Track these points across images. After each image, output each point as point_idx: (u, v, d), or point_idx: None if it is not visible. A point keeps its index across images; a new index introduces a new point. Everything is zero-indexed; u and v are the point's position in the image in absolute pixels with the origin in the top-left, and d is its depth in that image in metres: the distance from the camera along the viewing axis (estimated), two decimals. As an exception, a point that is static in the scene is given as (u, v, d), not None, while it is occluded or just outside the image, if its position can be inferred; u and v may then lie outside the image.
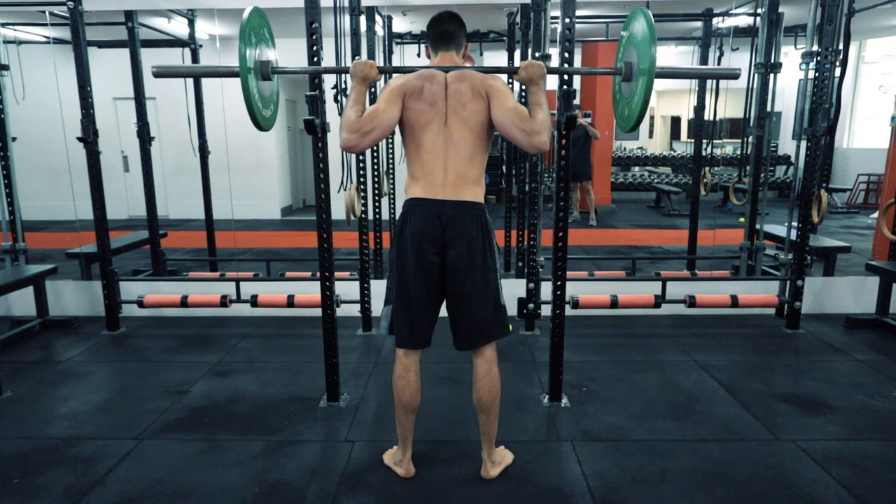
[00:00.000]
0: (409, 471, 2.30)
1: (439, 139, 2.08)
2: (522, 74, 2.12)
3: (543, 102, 2.07)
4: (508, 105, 2.04)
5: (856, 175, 9.74)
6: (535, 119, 2.02)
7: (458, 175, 2.09)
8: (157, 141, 4.94)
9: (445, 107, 2.07)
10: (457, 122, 2.07)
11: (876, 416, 2.80)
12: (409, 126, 2.11)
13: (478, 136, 2.10)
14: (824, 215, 3.93)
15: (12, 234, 4.27)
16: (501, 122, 2.05)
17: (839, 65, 3.79)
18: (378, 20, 4.87)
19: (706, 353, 3.59)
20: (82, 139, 3.72)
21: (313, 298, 3.69)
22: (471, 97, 2.07)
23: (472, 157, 2.10)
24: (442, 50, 2.18)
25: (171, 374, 3.35)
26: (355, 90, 2.11)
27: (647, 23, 2.04)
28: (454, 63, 2.17)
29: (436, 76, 2.10)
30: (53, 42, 4.67)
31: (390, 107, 2.06)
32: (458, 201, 2.09)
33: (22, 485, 2.29)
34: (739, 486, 2.26)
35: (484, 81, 2.09)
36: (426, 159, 2.09)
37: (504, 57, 5.63)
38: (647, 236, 7.62)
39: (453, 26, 2.18)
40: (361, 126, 2.02)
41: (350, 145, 2.03)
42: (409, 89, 2.08)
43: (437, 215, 2.08)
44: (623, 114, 2.26)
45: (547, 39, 3.66)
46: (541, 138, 2.01)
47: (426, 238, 2.08)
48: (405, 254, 2.11)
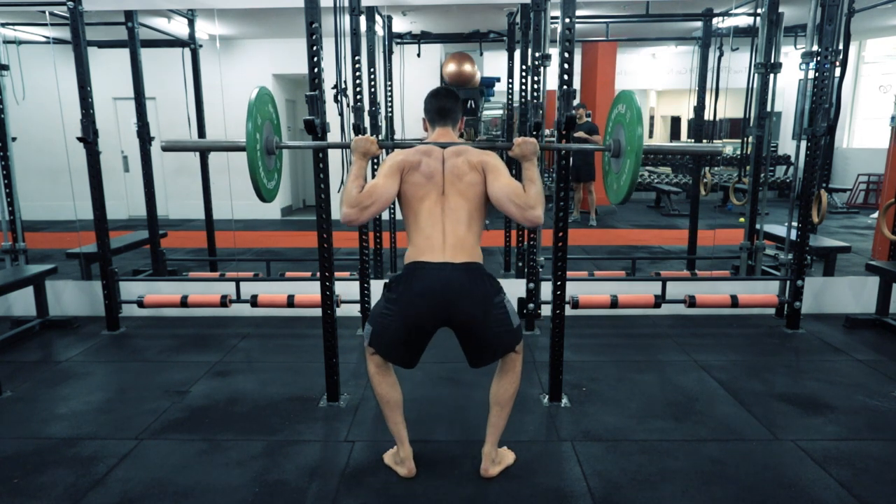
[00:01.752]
0: (411, 469, 2.30)
1: (437, 208, 2.15)
2: (516, 151, 2.21)
3: (537, 178, 2.14)
4: (503, 181, 2.12)
5: (856, 175, 9.74)
6: (529, 194, 2.09)
7: (456, 238, 2.14)
8: (156, 141, 4.93)
9: (443, 179, 2.15)
10: (454, 193, 2.15)
11: (876, 416, 2.80)
12: (407, 198, 2.18)
13: (474, 206, 2.17)
14: (824, 215, 3.93)
15: (12, 234, 4.28)
16: (497, 196, 2.12)
17: (839, 65, 3.79)
18: (378, 20, 4.88)
19: (706, 353, 3.59)
20: (82, 139, 3.72)
21: (313, 298, 3.69)
22: (467, 170, 2.14)
23: (470, 223, 2.17)
24: (439, 125, 2.28)
25: (170, 374, 3.35)
26: (356, 164, 2.20)
27: (634, 106, 2.12)
28: (451, 138, 2.26)
29: (433, 151, 2.18)
30: (53, 42, 4.67)
31: (388, 181, 2.13)
32: (459, 262, 2.12)
33: (22, 485, 2.30)
34: (739, 486, 2.26)
35: (479, 157, 2.17)
36: (424, 226, 2.15)
37: (504, 57, 5.62)
38: (647, 236, 7.62)
39: (450, 102, 2.28)
40: (361, 201, 2.09)
41: (349, 220, 2.11)
42: (407, 164, 2.15)
43: (441, 278, 2.10)
44: (612, 187, 2.34)
45: (547, 39, 3.65)
46: (535, 212, 2.09)
47: (431, 302, 2.10)
48: (404, 308, 2.12)
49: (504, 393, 2.26)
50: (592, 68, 9.49)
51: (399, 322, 2.13)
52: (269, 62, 8.65)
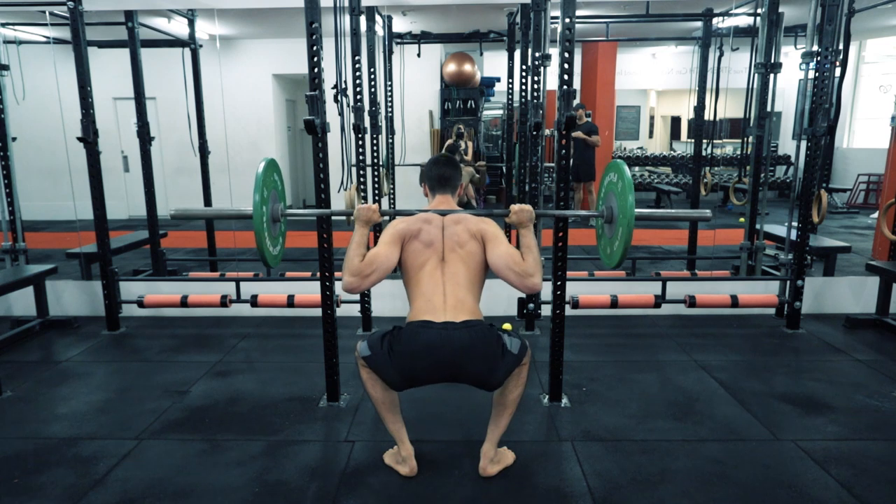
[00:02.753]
0: (412, 468, 2.30)
1: (437, 272, 2.20)
2: (513, 218, 2.27)
3: (534, 245, 2.20)
4: (502, 249, 2.19)
5: (856, 175, 9.74)
6: (527, 262, 2.15)
7: (457, 300, 2.17)
8: (157, 141, 4.94)
9: (443, 246, 2.22)
10: (454, 259, 2.21)
11: (876, 416, 2.80)
12: (407, 266, 2.23)
13: (473, 272, 2.22)
14: (824, 215, 3.93)
15: (12, 234, 4.28)
16: (496, 264, 2.18)
17: (839, 65, 3.79)
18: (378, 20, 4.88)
19: (706, 353, 3.59)
20: (82, 139, 3.72)
21: (313, 298, 3.69)
22: (467, 239, 2.21)
23: (469, 287, 2.21)
24: (439, 192, 2.36)
25: (171, 374, 3.35)
26: (358, 232, 2.25)
27: (625, 176, 2.18)
28: (450, 206, 2.34)
29: (433, 219, 2.26)
30: (53, 42, 4.67)
31: (389, 249, 2.19)
32: (461, 322, 2.14)
33: (22, 485, 2.30)
34: (739, 485, 2.26)
35: (478, 225, 2.24)
36: (425, 289, 2.19)
37: (504, 57, 5.63)
38: (647, 236, 7.61)
39: (449, 170, 2.37)
40: (362, 270, 2.14)
41: (351, 288, 2.17)
42: (408, 233, 2.22)
43: (443, 335, 2.10)
44: (606, 251, 2.40)
45: (547, 39, 3.66)
46: (534, 280, 2.14)
47: (433, 362, 2.11)
48: (407, 368, 2.14)
49: (509, 396, 2.25)
50: (592, 68, 9.49)
51: (399, 376, 2.16)
52: (269, 62, 8.65)
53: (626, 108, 13.25)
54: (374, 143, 4.57)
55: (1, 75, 4.18)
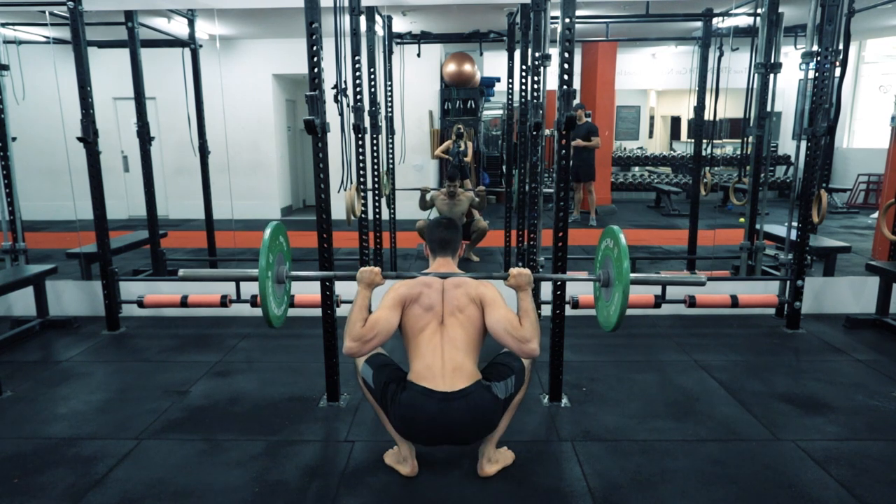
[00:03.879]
0: (413, 468, 2.31)
1: (436, 336, 2.22)
2: (512, 282, 2.26)
3: (531, 310, 2.21)
4: (500, 314, 2.21)
5: (856, 175, 9.74)
6: (524, 327, 2.17)
7: (455, 364, 2.19)
8: (157, 141, 4.93)
9: (442, 310, 2.25)
10: (453, 323, 2.23)
11: (876, 416, 2.80)
12: (407, 328, 2.26)
13: (472, 336, 2.24)
14: (824, 215, 3.93)
15: (12, 234, 4.27)
16: (494, 328, 2.20)
17: (839, 65, 3.79)
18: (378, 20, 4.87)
19: (706, 353, 3.59)
20: (82, 139, 3.72)
21: (313, 298, 3.69)
22: (467, 303, 2.24)
23: (468, 350, 2.22)
24: (440, 255, 2.39)
25: (171, 374, 3.35)
26: (360, 295, 2.26)
27: (620, 243, 2.20)
28: (451, 268, 2.37)
29: (433, 283, 2.28)
30: (53, 42, 4.67)
31: (390, 314, 2.22)
32: (459, 391, 2.15)
33: (22, 485, 2.30)
34: (739, 486, 2.26)
35: (477, 289, 2.27)
36: (424, 353, 2.22)
37: (504, 57, 5.62)
38: (647, 236, 7.61)
39: (450, 234, 2.41)
40: (363, 335, 2.16)
41: (352, 353, 2.18)
42: (409, 298, 2.25)
43: (442, 408, 2.13)
44: (603, 314, 2.42)
45: (547, 39, 3.65)
46: (531, 345, 2.16)
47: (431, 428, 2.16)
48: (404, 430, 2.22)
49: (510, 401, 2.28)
50: (592, 68, 9.49)
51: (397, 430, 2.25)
52: (269, 62, 8.65)
53: (626, 108, 13.25)
54: (374, 143, 4.57)
55: (1, 75, 4.18)
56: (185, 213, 8.71)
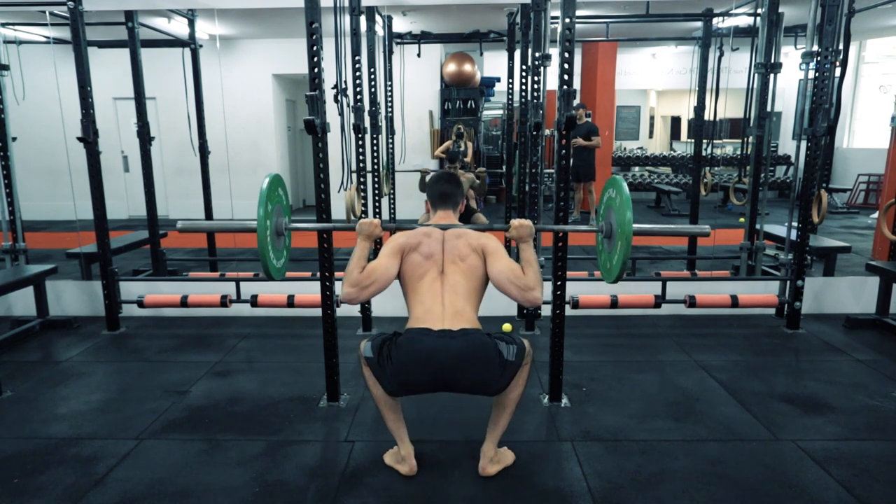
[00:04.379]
0: (412, 468, 2.30)
1: (436, 283, 2.22)
2: (513, 233, 2.27)
3: (534, 259, 2.21)
4: (503, 263, 2.21)
5: (856, 175, 9.74)
6: (528, 275, 2.17)
7: (455, 310, 2.19)
8: (157, 141, 4.93)
9: (442, 258, 2.25)
10: (454, 271, 2.23)
11: (876, 416, 2.80)
12: (407, 277, 2.25)
13: (472, 284, 2.24)
14: (824, 215, 3.93)
15: (12, 234, 4.27)
16: (497, 278, 2.20)
17: (839, 65, 3.79)
18: (378, 20, 4.87)
19: (706, 353, 3.59)
20: (82, 139, 3.72)
21: (313, 298, 3.69)
22: (468, 252, 2.24)
23: (468, 298, 2.22)
24: (440, 209, 2.39)
25: (171, 374, 3.35)
26: (360, 246, 2.26)
27: (623, 192, 2.20)
28: (451, 221, 2.37)
29: (434, 233, 2.28)
30: (53, 42, 4.67)
31: (389, 262, 2.22)
32: (458, 329, 2.15)
33: (22, 485, 2.30)
34: (739, 486, 2.26)
35: (479, 240, 2.27)
36: (424, 298, 2.21)
37: (504, 57, 5.63)
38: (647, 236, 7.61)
39: (451, 187, 2.40)
40: (360, 281, 2.17)
41: (349, 298, 2.18)
42: (408, 246, 2.25)
43: (440, 343, 2.11)
44: (605, 266, 2.42)
45: (547, 39, 3.66)
46: (535, 294, 2.16)
47: (430, 370, 2.12)
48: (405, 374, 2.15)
49: (509, 395, 2.25)
50: (592, 68, 9.49)
51: (396, 383, 2.18)
52: (269, 62, 8.65)
53: (626, 108, 13.25)
54: (374, 143, 4.57)
55: (1, 75, 4.17)
56: (185, 213, 8.64)
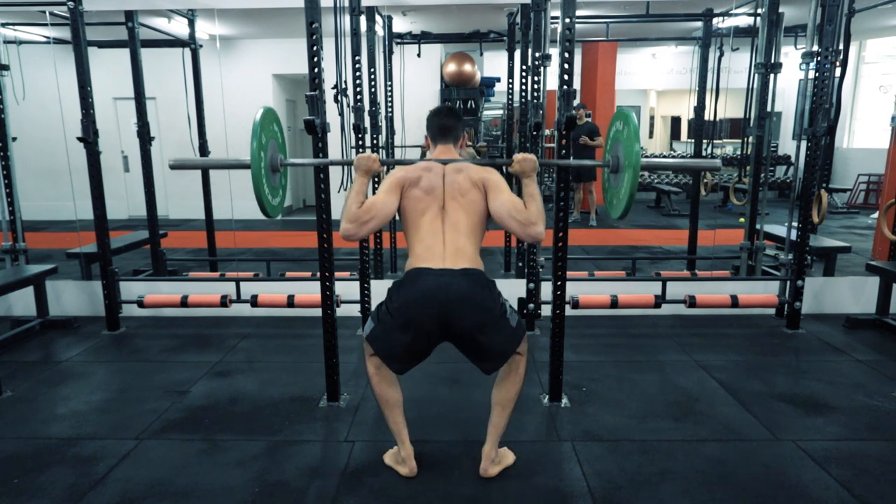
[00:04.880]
0: (412, 469, 2.30)
1: (437, 220, 2.18)
2: (516, 167, 2.23)
3: (537, 194, 2.17)
4: (504, 197, 2.15)
5: (856, 175, 9.74)
6: (529, 210, 2.12)
7: (456, 247, 2.16)
8: (157, 141, 4.93)
9: (443, 194, 2.18)
10: (455, 208, 2.18)
11: (876, 416, 2.80)
12: (407, 213, 2.21)
13: (474, 221, 2.19)
14: (824, 215, 3.93)
15: (12, 234, 4.27)
16: (498, 212, 2.15)
17: (839, 65, 3.79)
18: (378, 20, 4.87)
19: (706, 353, 3.59)
20: (82, 139, 3.72)
21: (313, 298, 3.69)
22: (469, 187, 2.18)
23: (469, 235, 2.19)
24: (441, 143, 2.31)
25: (171, 374, 3.35)
26: (358, 181, 2.22)
27: (631, 123, 2.16)
28: (452, 155, 2.28)
29: (434, 167, 2.21)
30: (53, 42, 4.67)
31: (388, 197, 2.17)
32: (459, 269, 2.13)
33: (22, 485, 2.30)
34: (739, 486, 2.26)
35: (480, 174, 2.20)
36: (425, 236, 2.17)
37: (504, 57, 5.62)
38: (647, 236, 7.62)
39: (451, 120, 2.31)
40: (360, 216, 2.12)
41: (348, 234, 2.13)
42: (407, 180, 2.19)
43: (441, 281, 2.10)
44: (612, 202, 2.40)
45: (547, 39, 3.66)
46: (536, 228, 2.11)
47: (429, 303, 2.09)
48: (405, 314, 2.12)
49: (506, 394, 2.25)
50: (592, 68, 9.50)
51: (399, 328, 2.13)
52: (269, 62, 8.65)
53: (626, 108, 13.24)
54: (374, 143, 4.57)
55: (1, 75, 4.17)
56: (185, 213, 8.71)
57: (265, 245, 7.17)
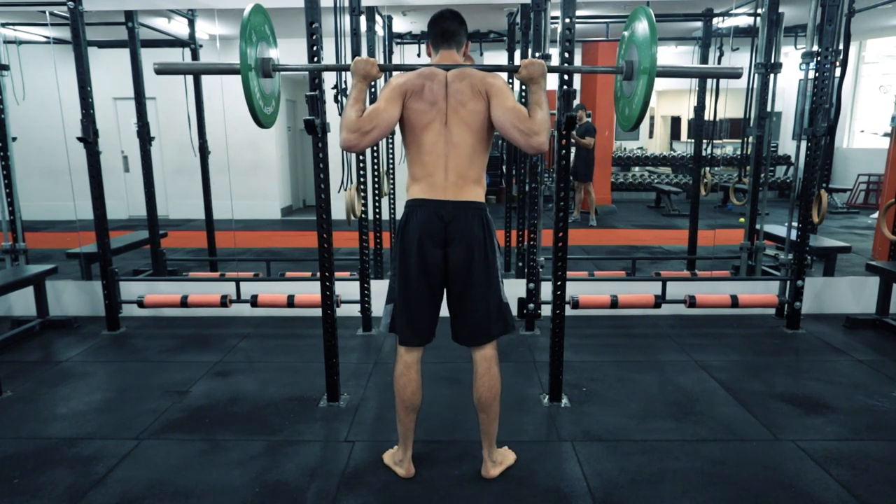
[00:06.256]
0: (409, 471, 2.30)
1: (440, 140, 2.08)
2: (523, 73, 2.09)
3: (543, 102, 2.05)
4: (508, 105, 2.04)
5: (856, 175, 9.74)
6: (534, 119, 2.01)
7: (458, 175, 2.10)
8: (157, 141, 4.93)
9: (446, 106, 2.07)
10: (457, 123, 2.07)
11: (876, 416, 2.80)
12: (409, 126, 2.11)
13: (478, 136, 2.10)
14: (824, 215, 3.93)
15: (12, 234, 4.27)
16: (500, 121, 2.05)
17: (839, 65, 3.79)
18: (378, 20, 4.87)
19: (706, 353, 3.59)
20: (82, 139, 3.72)
21: (313, 298, 3.69)
22: (471, 96, 2.06)
23: (473, 157, 2.11)
24: (443, 48, 2.18)
25: (171, 374, 3.35)
26: (356, 88, 2.09)
27: (649, 22, 2.04)
28: (455, 61, 2.16)
29: (436, 74, 2.09)
30: (53, 42, 4.67)
31: (390, 106, 2.06)
32: (460, 201, 2.10)
33: (22, 485, 2.30)
34: (739, 486, 2.26)
35: (484, 80, 2.08)
36: (427, 161, 2.10)
37: (504, 57, 5.63)
38: (647, 236, 7.62)
39: (454, 24, 2.17)
40: (361, 126, 2.02)
41: (350, 145, 2.03)
42: (409, 88, 2.08)
43: (439, 215, 2.09)
44: (624, 112, 2.26)
45: (547, 39, 3.65)
46: (539, 139, 2.00)
47: (429, 238, 2.09)
48: (408, 253, 2.12)
49: (483, 399, 2.21)
50: (592, 68, 9.49)
51: (406, 267, 2.11)
52: (269, 62, 8.63)
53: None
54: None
55: (1, 75, 4.17)
56: (185, 213, 8.72)
57: (265, 245, 7.17)
